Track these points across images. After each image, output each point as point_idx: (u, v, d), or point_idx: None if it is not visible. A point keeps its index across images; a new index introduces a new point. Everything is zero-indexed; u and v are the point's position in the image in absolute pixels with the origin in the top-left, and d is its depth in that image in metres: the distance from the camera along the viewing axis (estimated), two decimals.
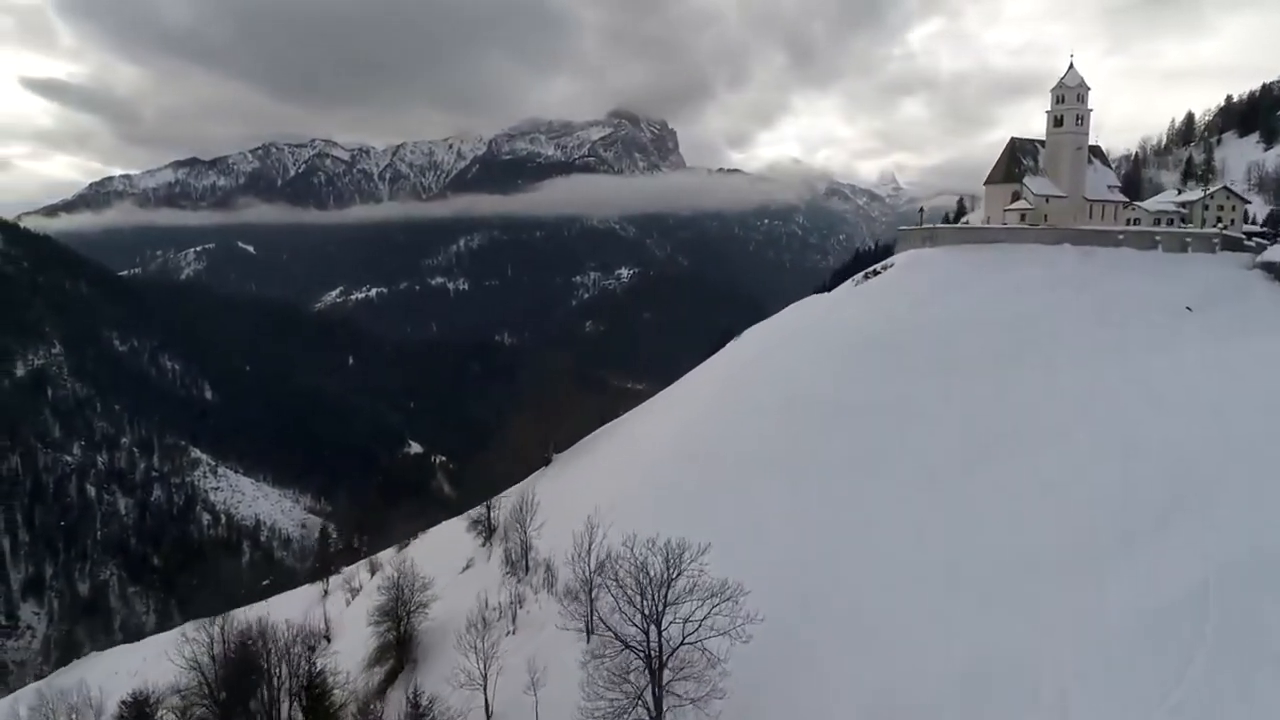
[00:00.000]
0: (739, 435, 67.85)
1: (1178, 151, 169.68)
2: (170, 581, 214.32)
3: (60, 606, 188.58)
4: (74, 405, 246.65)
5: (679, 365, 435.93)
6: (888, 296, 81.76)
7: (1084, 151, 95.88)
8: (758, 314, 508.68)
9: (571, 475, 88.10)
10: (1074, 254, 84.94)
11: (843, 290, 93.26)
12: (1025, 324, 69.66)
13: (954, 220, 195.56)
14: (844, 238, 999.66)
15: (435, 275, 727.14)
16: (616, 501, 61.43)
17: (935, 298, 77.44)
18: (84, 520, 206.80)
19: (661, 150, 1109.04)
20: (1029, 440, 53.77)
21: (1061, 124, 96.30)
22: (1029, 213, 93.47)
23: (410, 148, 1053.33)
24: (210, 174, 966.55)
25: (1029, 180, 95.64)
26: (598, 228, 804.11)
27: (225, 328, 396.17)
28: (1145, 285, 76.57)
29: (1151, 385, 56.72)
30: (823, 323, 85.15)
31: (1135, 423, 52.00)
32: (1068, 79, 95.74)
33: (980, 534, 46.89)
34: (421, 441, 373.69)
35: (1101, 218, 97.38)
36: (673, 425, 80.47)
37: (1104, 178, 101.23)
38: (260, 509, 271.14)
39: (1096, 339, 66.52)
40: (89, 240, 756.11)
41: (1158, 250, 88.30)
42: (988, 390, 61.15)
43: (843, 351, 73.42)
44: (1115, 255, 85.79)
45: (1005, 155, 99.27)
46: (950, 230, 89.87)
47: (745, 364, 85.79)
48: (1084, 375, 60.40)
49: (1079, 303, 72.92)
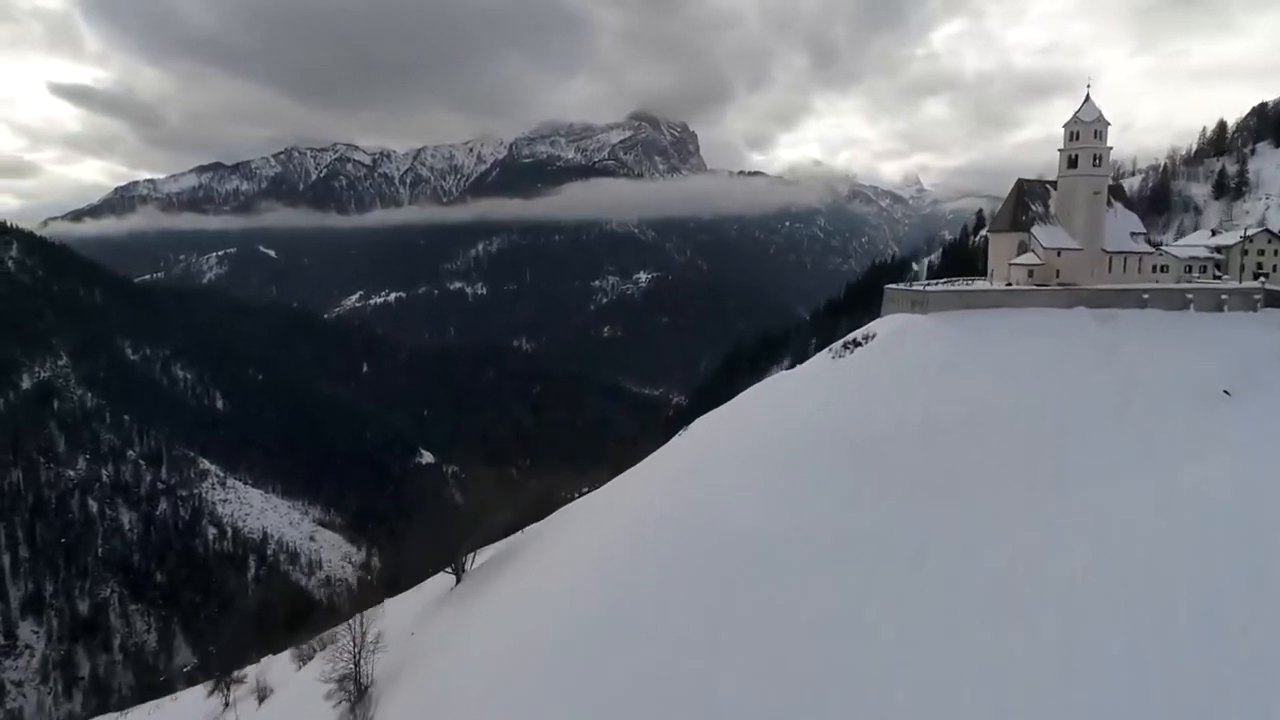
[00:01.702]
0: (657, 600, 47.79)
1: (1209, 162, 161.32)
2: (174, 598, 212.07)
3: (59, 625, 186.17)
4: (80, 417, 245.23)
5: (696, 370, 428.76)
6: (863, 381, 66.41)
7: (1102, 196, 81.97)
8: (778, 317, 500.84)
9: (474, 611, 64.74)
10: (1090, 319, 72.59)
11: (817, 364, 77.06)
12: (1029, 419, 57.48)
13: (975, 232, 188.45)
14: (866, 240, 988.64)
15: (454, 280, 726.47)
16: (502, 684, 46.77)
17: (919, 384, 62.77)
18: (85, 536, 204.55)
19: (682, 153, 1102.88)
20: (1025, 604, 41.21)
21: (1076, 165, 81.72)
22: (1037, 268, 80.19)
23: (431, 151, 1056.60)
24: (233, 178, 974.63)
25: (1038, 230, 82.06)
26: (616, 231, 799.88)
27: (239, 335, 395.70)
28: (1174, 358, 65.08)
29: (1182, 516, 45.55)
30: (783, 418, 66.85)
31: (1166, 580, 40.70)
32: (1083, 113, 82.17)
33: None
34: (434, 450, 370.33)
35: (1124, 270, 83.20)
36: (584, 571, 58.62)
37: (1126, 223, 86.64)
38: (268, 521, 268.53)
39: (1116, 440, 55.13)
40: (113, 245, 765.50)
41: (1189, 310, 76.26)
42: (977, 526, 47.93)
43: (797, 463, 56.90)
44: (1139, 319, 73.15)
45: (1011, 200, 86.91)
46: (942, 294, 74.83)
47: (676, 486, 64.10)
48: (1099, 498, 48.99)
49: (1095, 387, 61.09)
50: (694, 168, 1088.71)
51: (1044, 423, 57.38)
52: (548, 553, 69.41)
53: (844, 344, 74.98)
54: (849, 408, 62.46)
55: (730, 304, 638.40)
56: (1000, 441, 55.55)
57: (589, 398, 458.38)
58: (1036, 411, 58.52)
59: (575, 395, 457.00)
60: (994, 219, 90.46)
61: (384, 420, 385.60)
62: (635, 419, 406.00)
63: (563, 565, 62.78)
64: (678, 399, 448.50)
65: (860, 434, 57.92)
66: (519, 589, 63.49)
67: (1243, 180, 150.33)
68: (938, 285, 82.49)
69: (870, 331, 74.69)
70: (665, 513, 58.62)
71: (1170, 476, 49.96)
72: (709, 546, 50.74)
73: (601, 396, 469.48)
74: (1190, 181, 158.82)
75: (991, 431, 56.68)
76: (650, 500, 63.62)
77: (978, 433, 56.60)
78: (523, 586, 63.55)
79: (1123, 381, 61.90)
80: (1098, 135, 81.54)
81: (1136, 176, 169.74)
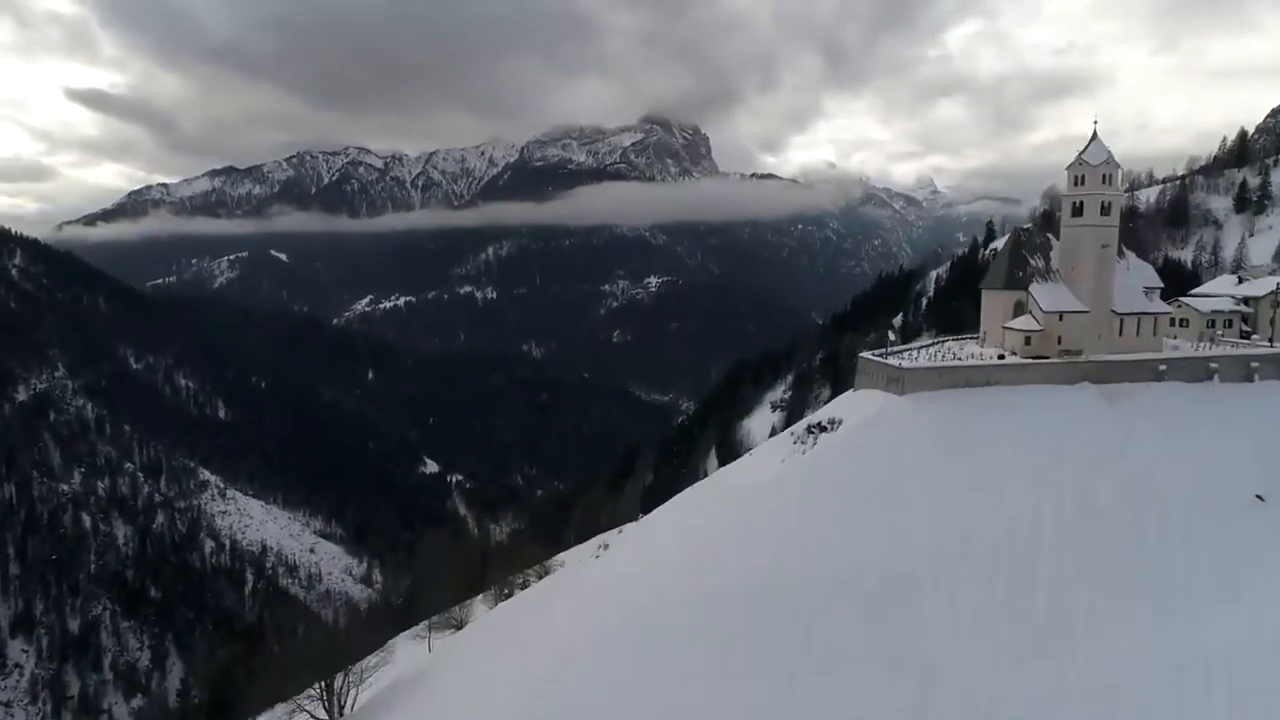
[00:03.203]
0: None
1: (1229, 174, 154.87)
2: (168, 615, 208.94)
3: (49, 643, 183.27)
4: (77, 429, 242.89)
5: (706, 376, 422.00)
6: (815, 493, 53.38)
7: (1112, 249, 70.12)
8: (790, 321, 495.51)
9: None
10: (1098, 398, 61.60)
11: (771, 454, 65.53)
12: (1017, 552, 46.22)
13: (985, 244, 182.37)
14: (879, 243, 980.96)
15: (463, 284, 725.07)
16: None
17: (886, 505, 50.12)
18: (78, 552, 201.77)
19: (694, 155, 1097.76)
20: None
21: (1081, 213, 69.75)
22: (1036, 335, 68.20)
23: (443, 155, 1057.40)
24: (246, 182, 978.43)
25: (1037, 289, 70.18)
26: (627, 235, 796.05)
27: (244, 342, 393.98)
28: (1196, 452, 53.95)
29: (1205, 692, 37.52)
30: (708, 543, 53.36)
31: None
32: (1089, 154, 70.02)
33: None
34: (439, 459, 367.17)
35: (1136, 334, 70.72)
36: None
37: (1139, 276, 74.59)
38: (268, 533, 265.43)
39: (1125, 580, 44.47)
40: (126, 249, 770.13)
41: (1214, 381, 65.62)
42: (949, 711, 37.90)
43: (715, 616, 43.95)
44: (1154, 395, 62.42)
45: (1006, 253, 75.23)
46: (922, 372, 62.35)
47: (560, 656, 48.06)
48: (1105, 674, 38.93)
49: (1099, 498, 50.28)
50: (706, 170, 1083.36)
51: (1033, 560, 46.23)
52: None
53: (808, 428, 64.27)
54: (793, 550, 47.65)
55: (741, 308, 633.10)
56: (975, 595, 44.00)
57: (596, 405, 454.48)
58: (1025, 540, 47.38)
59: (582, 402, 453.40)
60: (986, 274, 77.65)
61: (388, 428, 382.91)
62: (643, 426, 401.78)
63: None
64: (687, 405, 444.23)
65: (803, 593, 44.06)
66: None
67: (1265, 194, 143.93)
68: (919, 359, 68.24)
69: (837, 416, 63.36)
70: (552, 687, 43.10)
71: (1192, 631, 41.20)
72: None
73: (609, 403, 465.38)
74: (1210, 194, 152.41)
75: (974, 574, 45.11)
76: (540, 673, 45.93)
77: (956, 578, 44.77)
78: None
79: (1131, 488, 51.11)
80: (1106, 180, 70.15)
81: (1154, 188, 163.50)
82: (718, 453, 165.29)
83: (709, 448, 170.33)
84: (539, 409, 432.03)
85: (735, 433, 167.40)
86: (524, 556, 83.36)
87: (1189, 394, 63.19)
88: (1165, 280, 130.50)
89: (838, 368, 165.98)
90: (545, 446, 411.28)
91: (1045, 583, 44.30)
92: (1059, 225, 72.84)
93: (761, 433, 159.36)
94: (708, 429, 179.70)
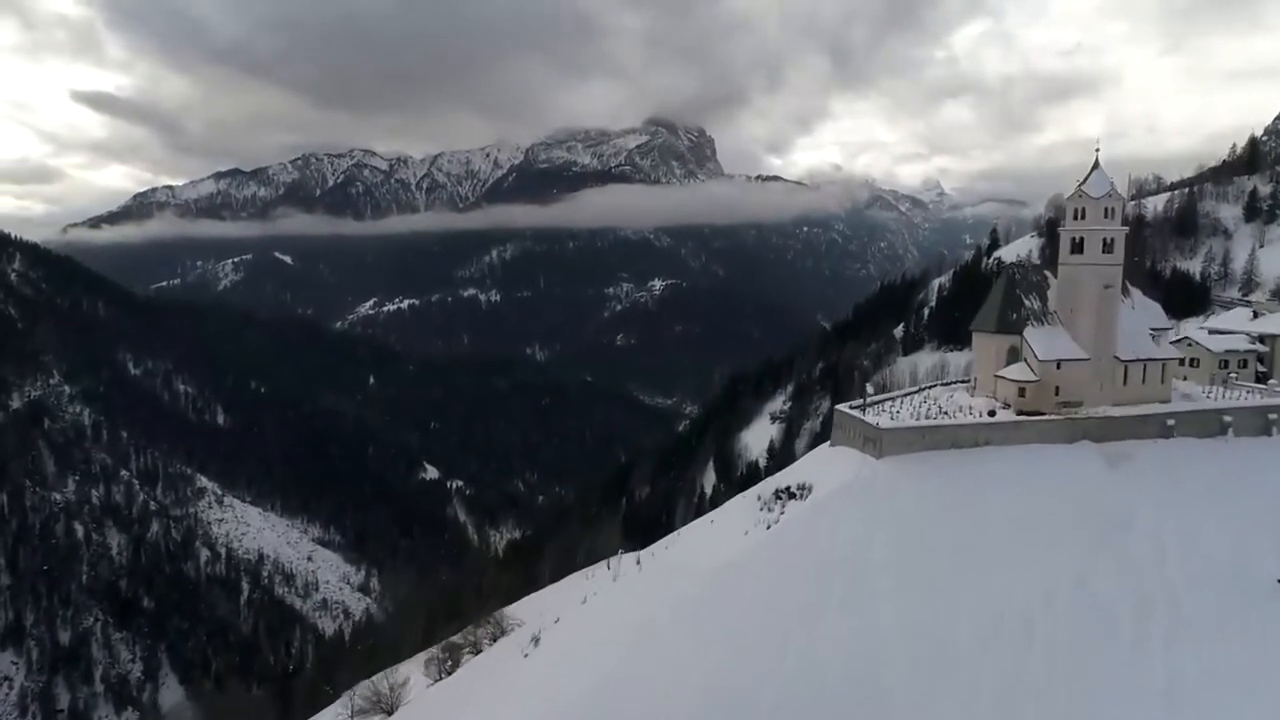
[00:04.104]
0: None
1: (1239, 181, 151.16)
2: (161, 626, 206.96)
3: (39, 656, 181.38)
4: (72, 436, 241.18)
5: (709, 379, 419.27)
6: (776, 582, 46.84)
7: (1115, 291, 63.20)
8: (794, 325, 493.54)
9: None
10: (1099, 460, 55.30)
11: (735, 521, 59.49)
12: (1004, 653, 40.17)
13: (989, 252, 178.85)
14: (885, 245, 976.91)
15: (467, 287, 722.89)
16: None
17: (854, 594, 44.05)
18: (70, 562, 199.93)
19: (699, 158, 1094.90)
20: None
21: (1081, 250, 62.92)
22: (1031, 385, 61.65)
23: (448, 157, 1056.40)
24: (251, 184, 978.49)
25: (1032, 333, 63.26)
26: (631, 238, 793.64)
27: (245, 346, 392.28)
28: (1208, 526, 47.99)
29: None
30: (651, 644, 45.87)
31: None
32: (1090, 185, 62.90)
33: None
34: (439, 465, 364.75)
35: (1143, 381, 63.94)
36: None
37: (1145, 316, 67.34)
38: (265, 541, 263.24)
39: (1128, 685, 38.54)
40: (131, 252, 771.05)
41: (1228, 435, 59.38)
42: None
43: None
44: (1161, 456, 56.23)
45: (999, 293, 67.44)
46: (902, 432, 55.93)
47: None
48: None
49: (1100, 586, 44.07)
50: (711, 172, 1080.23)
51: (1029, 658, 40.18)
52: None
53: (776, 492, 59.08)
54: (747, 653, 40.87)
55: (746, 311, 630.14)
56: (963, 704, 38.03)
57: (599, 408, 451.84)
58: (1020, 639, 41.12)
59: (585, 406, 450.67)
60: (977, 315, 71.06)
61: (389, 433, 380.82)
62: (646, 431, 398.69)
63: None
64: (690, 409, 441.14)
65: (756, 706, 37.62)
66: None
67: (1276, 203, 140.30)
68: (900, 412, 62.20)
69: (807, 481, 57.30)
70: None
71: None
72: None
73: (612, 407, 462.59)
74: (1219, 202, 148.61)
75: (954, 683, 38.81)
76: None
77: (932, 689, 38.49)
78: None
79: (1140, 578, 44.75)
80: (1109, 214, 63.16)
81: (1161, 196, 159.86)
82: (715, 465, 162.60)
83: (707, 459, 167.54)
84: (541, 413, 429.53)
85: (733, 445, 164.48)
86: (481, 607, 78.30)
87: (1200, 453, 57.16)
88: (1173, 293, 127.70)
89: (838, 379, 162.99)
90: (547, 451, 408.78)
91: (1036, 691, 38.64)
92: (1063, 232, 66.86)
93: (759, 445, 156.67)
94: (706, 439, 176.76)
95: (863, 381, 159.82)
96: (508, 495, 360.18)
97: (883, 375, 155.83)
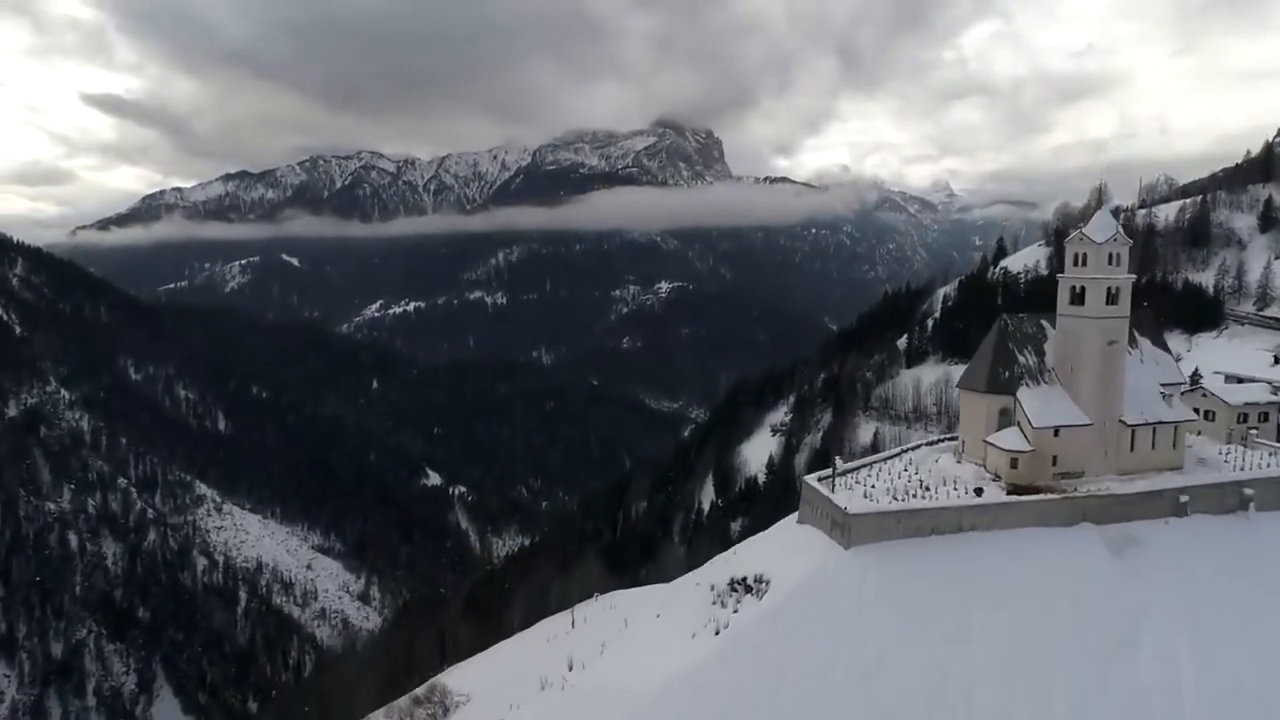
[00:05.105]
0: None
1: (1253, 189, 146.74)
2: (156, 637, 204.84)
3: (31, 669, 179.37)
4: (69, 444, 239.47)
5: (715, 383, 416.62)
6: (719, 712, 41.16)
7: (1121, 345, 55.85)
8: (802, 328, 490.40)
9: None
10: (1100, 549, 48.20)
11: (682, 622, 52.88)
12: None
13: (995, 260, 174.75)
14: (894, 247, 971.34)
15: (474, 289, 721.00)
16: None
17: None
18: (63, 573, 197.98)
19: (706, 159, 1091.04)
20: None
21: (1082, 300, 55.70)
22: (1024, 456, 53.91)
23: (455, 159, 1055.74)
24: (259, 186, 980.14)
25: (1027, 395, 55.77)
26: (638, 240, 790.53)
27: (248, 351, 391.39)
28: (1230, 635, 41.37)
29: None
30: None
31: None
32: (1093, 228, 55.92)
33: None
34: (442, 471, 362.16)
35: (1152, 447, 56.01)
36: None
37: (1154, 370, 59.29)
38: (264, 549, 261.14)
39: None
40: (139, 254, 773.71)
41: (1250, 511, 52.14)
42: None
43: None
44: (1174, 539, 49.54)
45: (989, 347, 59.20)
46: (875, 518, 48.68)
47: None
48: None
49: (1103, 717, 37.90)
50: (719, 174, 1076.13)
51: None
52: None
53: (732, 583, 52.74)
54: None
55: (753, 314, 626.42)
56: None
57: (605, 413, 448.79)
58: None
59: (590, 410, 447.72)
60: (965, 372, 63.14)
61: (391, 439, 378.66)
62: (651, 435, 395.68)
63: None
64: (696, 413, 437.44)
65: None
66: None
67: None
68: (875, 485, 54.82)
69: (766, 573, 50.56)
70: None
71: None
72: None
73: (618, 411, 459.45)
74: (1233, 211, 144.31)
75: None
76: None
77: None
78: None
79: (1149, 707, 38.14)
80: (1114, 260, 55.41)
81: (1173, 205, 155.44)
82: (714, 479, 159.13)
83: (706, 473, 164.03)
84: (545, 418, 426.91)
85: (732, 459, 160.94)
86: (445, 655, 73.49)
87: (1218, 535, 50.46)
88: (1184, 307, 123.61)
89: (840, 392, 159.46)
90: (551, 456, 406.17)
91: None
92: (1062, 279, 59.40)
93: (759, 460, 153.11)
94: (705, 452, 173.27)
95: (865, 394, 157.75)
96: (510, 501, 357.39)
97: (884, 389, 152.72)
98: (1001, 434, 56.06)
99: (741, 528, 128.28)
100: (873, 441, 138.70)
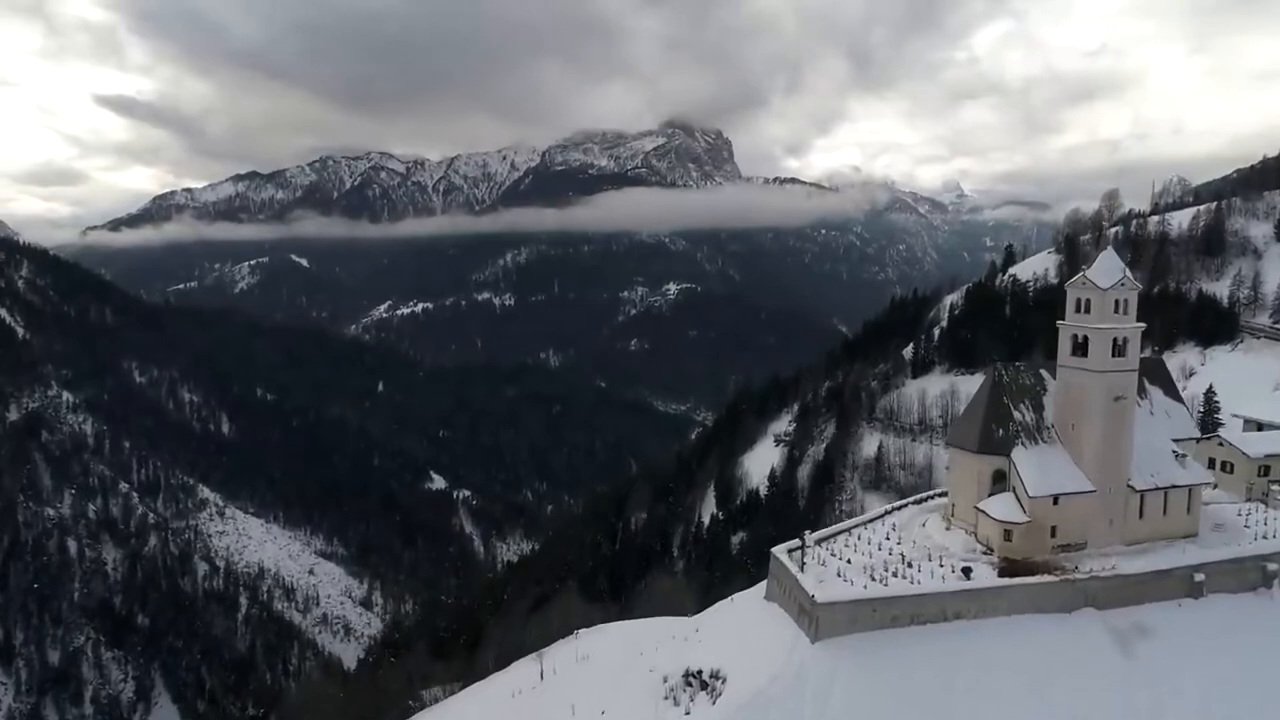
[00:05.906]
0: None
1: (1269, 196, 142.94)
2: (155, 644, 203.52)
3: (28, 676, 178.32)
4: (70, 448, 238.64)
5: (724, 385, 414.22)
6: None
7: (1128, 403, 50.05)
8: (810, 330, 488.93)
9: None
10: (1105, 640, 42.88)
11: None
12: None
13: (1004, 268, 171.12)
14: (904, 249, 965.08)
15: (482, 290, 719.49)
16: None
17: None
18: (62, 579, 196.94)
19: (716, 160, 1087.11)
20: None
21: (1085, 351, 50.09)
22: (1019, 528, 48.41)
23: (464, 159, 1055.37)
24: (268, 187, 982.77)
25: (1023, 457, 49.99)
26: (647, 242, 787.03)
27: (253, 354, 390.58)
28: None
29: None
30: None
31: None
32: (1097, 273, 50.45)
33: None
34: (446, 475, 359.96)
35: (1164, 513, 50.68)
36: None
37: (1166, 423, 53.73)
38: (266, 554, 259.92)
39: None
40: (150, 254, 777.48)
41: (1273, 589, 46.99)
42: None
43: None
44: (1188, 625, 44.06)
45: (982, 402, 54.08)
46: (846, 607, 43.21)
47: None
48: None
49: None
50: (728, 175, 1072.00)
51: None
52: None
53: (687, 677, 47.59)
54: None
55: (762, 316, 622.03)
56: None
57: (612, 415, 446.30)
58: None
59: (597, 413, 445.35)
60: (956, 424, 57.47)
61: (396, 442, 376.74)
62: (659, 438, 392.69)
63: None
64: (704, 416, 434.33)
65: None
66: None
67: None
68: (850, 560, 49.43)
69: (722, 670, 45.27)
70: None
71: None
72: None
73: (625, 414, 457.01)
74: (1249, 218, 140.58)
75: None
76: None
77: None
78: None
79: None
80: (1121, 308, 49.70)
81: (1187, 212, 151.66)
82: (715, 491, 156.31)
83: (707, 484, 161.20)
84: (551, 421, 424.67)
85: (734, 471, 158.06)
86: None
87: (1238, 619, 44.82)
88: (1199, 318, 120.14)
89: (844, 402, 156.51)
90: (556, 460, 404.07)
91: None
92: (1062, 327, 53.24)
93: (761, 472, 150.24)
94: (707, 462, 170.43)
95: (870, 404, 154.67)
96: (515, 505, 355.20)
97: (889, 399, 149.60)
98: (994, 501, 50.35)
99: (741, 543, 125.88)
100: (877, 454, 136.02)
